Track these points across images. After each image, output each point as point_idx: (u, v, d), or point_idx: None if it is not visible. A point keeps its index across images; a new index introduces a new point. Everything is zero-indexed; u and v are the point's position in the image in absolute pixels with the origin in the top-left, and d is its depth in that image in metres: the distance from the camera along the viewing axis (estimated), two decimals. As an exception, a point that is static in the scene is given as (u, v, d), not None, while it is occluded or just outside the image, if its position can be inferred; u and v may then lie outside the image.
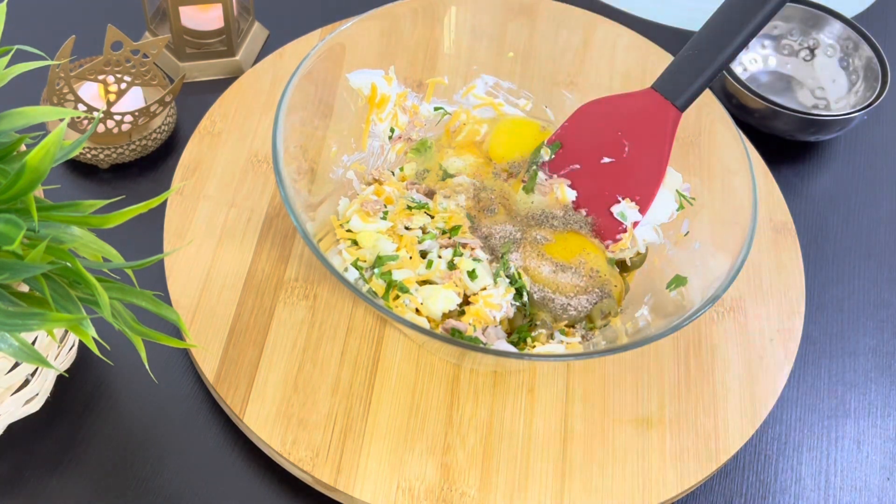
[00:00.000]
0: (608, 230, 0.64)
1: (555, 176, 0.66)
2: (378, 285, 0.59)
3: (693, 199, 0.63)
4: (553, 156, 0.66)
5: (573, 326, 0.61)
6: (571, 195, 0.65)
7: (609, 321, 0.61)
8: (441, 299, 0.59)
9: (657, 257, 0.64)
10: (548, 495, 0.56)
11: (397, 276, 0.59)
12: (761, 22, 0.58)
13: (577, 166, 0.65)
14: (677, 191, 0.64)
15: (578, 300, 0.61)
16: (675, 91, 0.61)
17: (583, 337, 0.61)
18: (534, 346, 0.59)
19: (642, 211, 0.63)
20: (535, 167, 0.66)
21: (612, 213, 0.64)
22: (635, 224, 0.63)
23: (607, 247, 0.64)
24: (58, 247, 0.43)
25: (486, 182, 0.67)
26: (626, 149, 0.63)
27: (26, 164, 0.40)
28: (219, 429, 0.59)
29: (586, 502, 0.56)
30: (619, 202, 0.63)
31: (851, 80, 0.81)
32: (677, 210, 0.64)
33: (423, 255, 0.61)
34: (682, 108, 0.61)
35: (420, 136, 0.70)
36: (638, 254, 0.64)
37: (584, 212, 0.65)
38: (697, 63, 0.60)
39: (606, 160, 0.64)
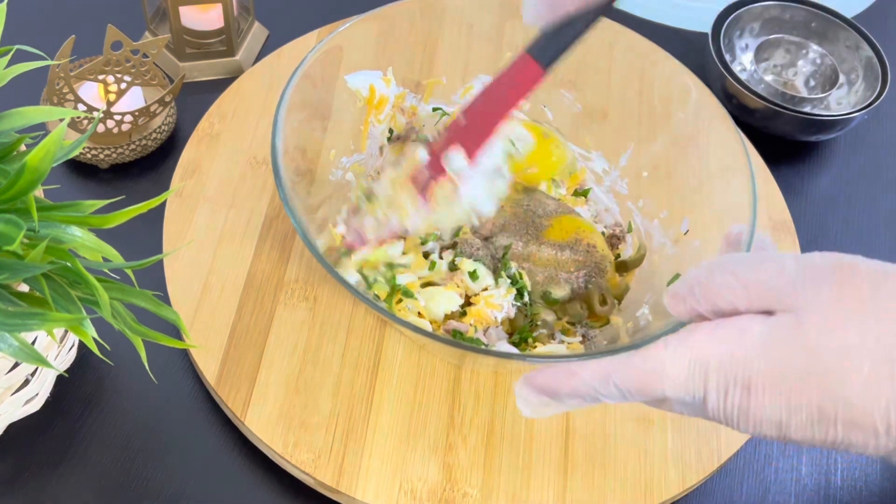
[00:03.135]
0: (430, 181, 0.58)
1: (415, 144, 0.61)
2: (382, 289, 0.59)
3: (518, 149, 0.59)
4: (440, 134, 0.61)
5: (574, 325, 0.61)
6: (423, 156, 0.59)
7: (608, 315, 0.61)
8: (443, 301, 0.59)
9: (657, 256, 0.64)
10: (550, 495, 0.56)
11: (401, 279, 0.59)
12: None
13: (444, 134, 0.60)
14: (510, 139, 0.59)
15: (577, 276, 0.61)
16: (541, 50, 0.54)
17: (584, 336, 0.61)
18: (535, 347, 0.59)
19: (469, 156, 0.57)
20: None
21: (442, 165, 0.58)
22: (459, 174, 0.57)
23: (426, 199, 0.58)
24: (58, 247, 0.43)
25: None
26: (479, 107, 0.58)
27: (26, 164, 0.40)
28: (219, 429, 0.59)
29: (588, 502, 0.56)
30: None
31: (851, 80, 0.81)
32: (505, 159, 0.59)
33: (426, 256, 0.61)
34: (546, 66, 0.54)
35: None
36: (639, 251, 0.64)
37: (427, 173, 0.59)
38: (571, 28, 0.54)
39: (463, 121, 0.58)
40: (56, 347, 0.55)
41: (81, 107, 0.67)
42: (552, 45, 0.53)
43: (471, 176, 0.58)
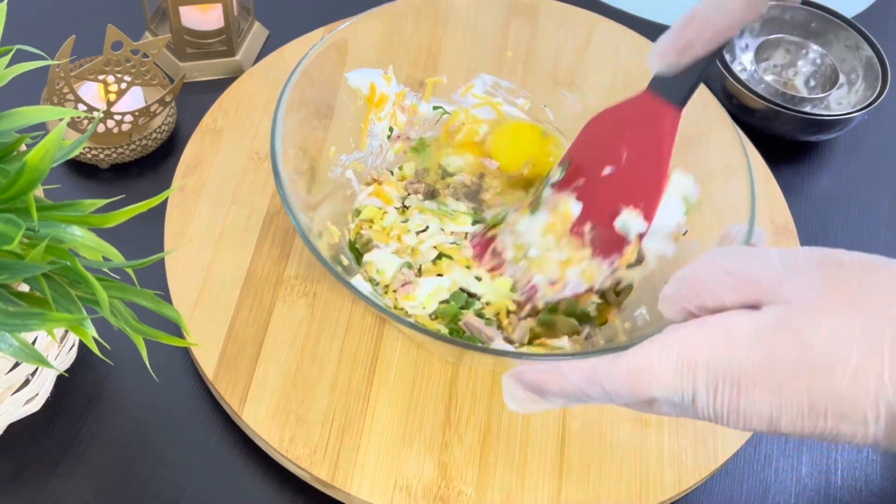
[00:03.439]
0: (612, 244, 0.60)
1: (560, 192, 0.62)
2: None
3: (698, 202, 0.60)
4: (563, 174, 0.62)
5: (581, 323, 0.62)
6: (576, 209, 0.61)
7: (621, 304, 0.61)
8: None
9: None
10: (545, 494, 0.56)
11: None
12: None
13: (582, 181, 0.61)
14: (683, 195, 0.60)
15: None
16: (671, 89, 0.57)
17: (586, 336, 0.61)
18: (546, 343, 0.60)
19: (647, 219, 0.59)
20: (542, 187, 0.63)
21: (614, 227, 0.59)
22: (641, 235, 0.59)
23: (612, 263, 0.59)
24: (58, 246, 0.43)
25: (488, 181, 0.67)
26: (625, 156, 0.59)
27: (26, 163, 0.40)
28: (219, 428, 0.59)
29: (583, 502, 0.56)
30: (620, 213, 0.59)
31: (851, 80, 0.81)
32: (684, 215, 0.60)
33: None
34: (682, 105, 0.57)
35: (419, 136, 0.70)
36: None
37: (590, 225, 0.60)
38: None
39: (608, 170, 0.60)
40: (56, 347, 0.55)
41: (81, 107, 0.67)
42: (682, 84, 0.55)
43: (651, 234, 0.58)
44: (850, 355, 0.35)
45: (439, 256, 0.62)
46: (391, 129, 0.69)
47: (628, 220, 0.58)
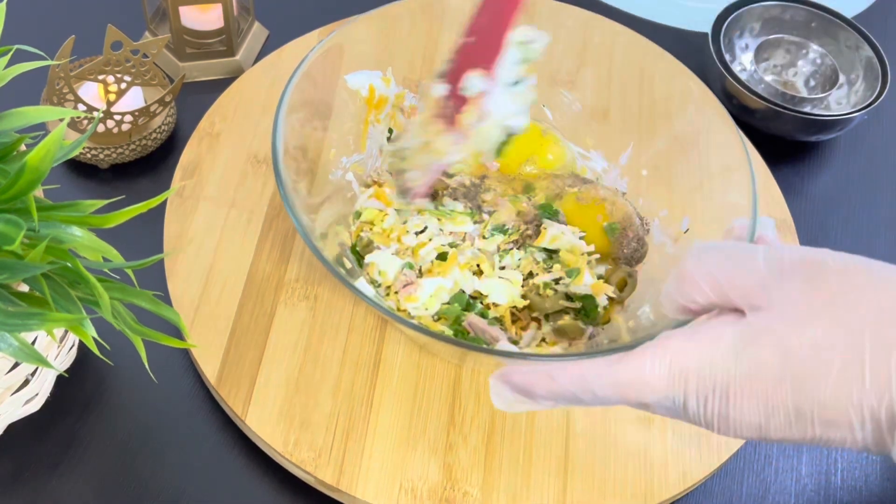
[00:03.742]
0: (459, 109, 0.58)
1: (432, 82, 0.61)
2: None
3: (532, 48, 0.58)
4: (446, 67, 0.60)
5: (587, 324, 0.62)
6: (441, 90, 0.59)
7: (625, 299, 0.61)
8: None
9: (657, 255, 0.64)
10: (550, 494, 0.55)
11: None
12: None
13: (452, 64, 0.59)
14: (519, 42, 0.57)
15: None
16: None
17: (588, 337, 0.61)
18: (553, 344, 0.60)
19: (489, 72, 0.56)
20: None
21: (460, 92, 0.57)
22: (482, 95, 0.57)
23: (452, 123, 0.58)
24: (58, 247, 0.43)
25: (488, 183, 0.67)
26: (482, 25, 0.58)
27: (26, 163, 0.40)
28: (219, 428, 0.59)
29: (588, 502, 0.56)
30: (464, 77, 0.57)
31: (851, 80, 0.81)
32: (521, 63, 0.58)
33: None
34: None
35: (419, 137, 0.70)
36: (638, 239, 0.65)
37: (448, 101, 0.59)
38: None
39: (469, 41, 0.58)
40: (56, 347, 0.55)
41: (81, 107, 0.67)
42: None
43: (492, 90, 0.57)
44: (832, 361, 0.35)
45: (440, 257, 0.62)
46: (390, 131, 0.69)
47: (470, 80, 0.57)
